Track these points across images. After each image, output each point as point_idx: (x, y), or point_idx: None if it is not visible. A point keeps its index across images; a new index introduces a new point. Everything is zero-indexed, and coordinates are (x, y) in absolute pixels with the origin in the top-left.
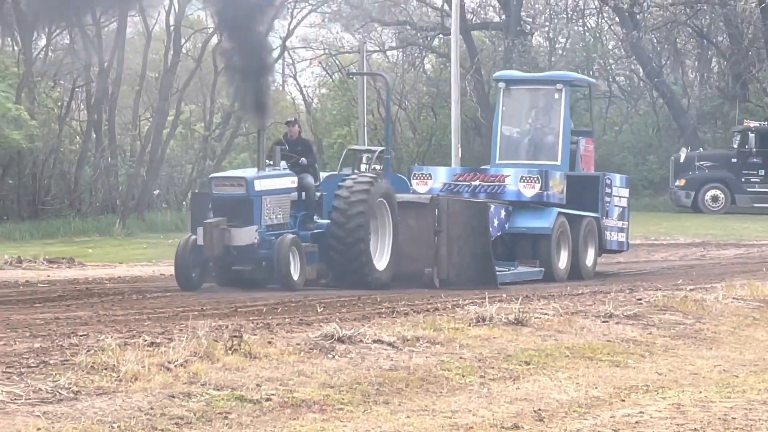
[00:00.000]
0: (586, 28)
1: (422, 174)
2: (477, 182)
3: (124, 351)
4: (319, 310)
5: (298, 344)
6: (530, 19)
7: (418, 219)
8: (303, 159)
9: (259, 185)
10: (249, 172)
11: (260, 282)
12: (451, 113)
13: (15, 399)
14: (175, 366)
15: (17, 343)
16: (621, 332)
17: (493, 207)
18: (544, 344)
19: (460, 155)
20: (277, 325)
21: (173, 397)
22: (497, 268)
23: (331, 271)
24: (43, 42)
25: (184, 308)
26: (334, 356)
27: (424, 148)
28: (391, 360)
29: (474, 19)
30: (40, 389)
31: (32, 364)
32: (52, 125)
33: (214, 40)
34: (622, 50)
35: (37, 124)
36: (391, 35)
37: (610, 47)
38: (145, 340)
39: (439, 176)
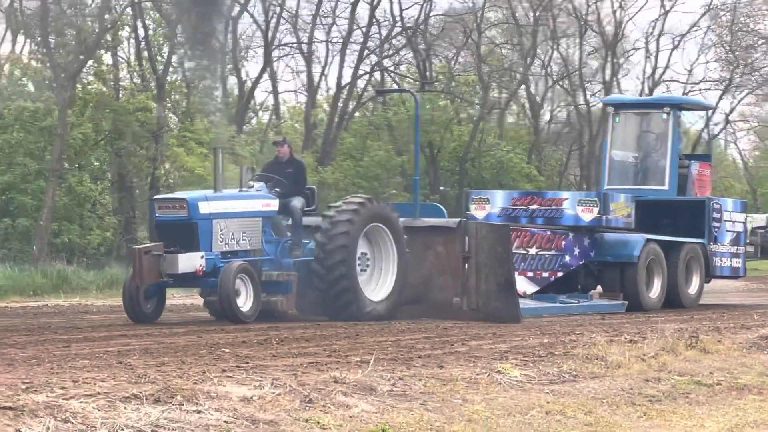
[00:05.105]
0: None
1: (480, 198)
2: (534, 206)
3: (610, 346)
4: (755, 318)
5: (740, 343)
6: None
7: (446, 245)
8: (279, 179)
9: (207, 207)
10: (195, 194)
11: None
12: None
13: (530, 380)
14: (648, 358)
15: (531, 339)
16: None
17: (571, 235)
18: None
19: None
20: (724, 328)
21: (647, 380)
22: (567, 300)
23: (321, 304)
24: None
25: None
26: None
27: None
28: None
29: None
30: (548, 373)
31: (542, 355)
32: (555, 178)
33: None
34: None
35: (543, 178)
36: None
37: None
38: (626, 338)
39: (497, 201)
